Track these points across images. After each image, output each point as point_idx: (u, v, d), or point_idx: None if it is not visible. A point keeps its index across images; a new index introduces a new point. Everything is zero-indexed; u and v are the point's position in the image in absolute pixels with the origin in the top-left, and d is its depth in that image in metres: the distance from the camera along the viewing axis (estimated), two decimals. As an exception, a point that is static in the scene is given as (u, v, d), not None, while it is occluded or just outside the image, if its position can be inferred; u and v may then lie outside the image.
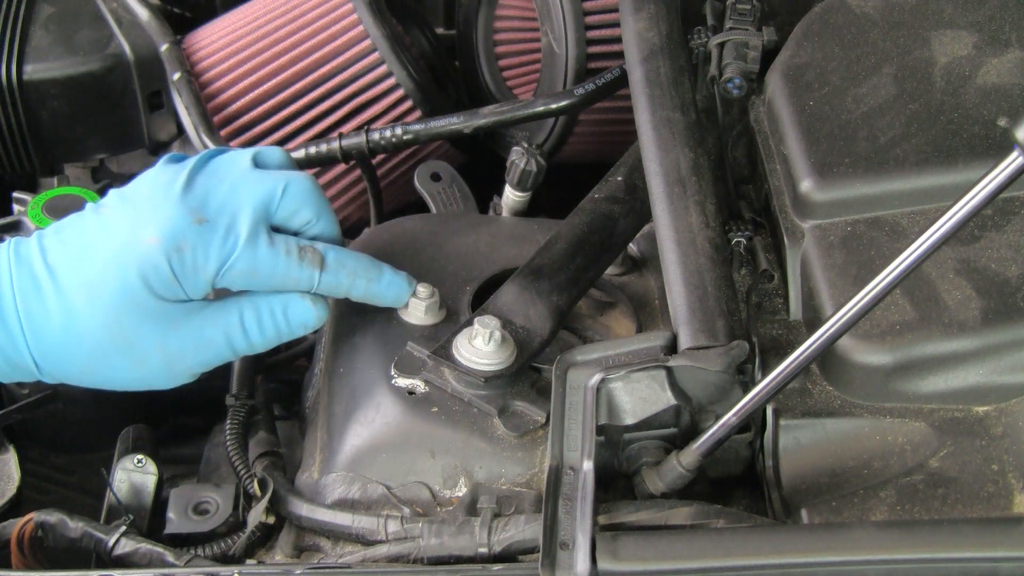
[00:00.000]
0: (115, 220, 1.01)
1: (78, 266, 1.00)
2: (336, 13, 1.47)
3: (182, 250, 0.99)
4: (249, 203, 1.02)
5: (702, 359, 0.97)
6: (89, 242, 1.00)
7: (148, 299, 0.99)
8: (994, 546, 0.86)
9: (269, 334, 1.05)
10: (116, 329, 0.99)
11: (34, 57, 1.47)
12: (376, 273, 1.08)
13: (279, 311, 1.05)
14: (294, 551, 1.03)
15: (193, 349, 1.03)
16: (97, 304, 0.99)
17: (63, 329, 0.99)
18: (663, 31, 1.22)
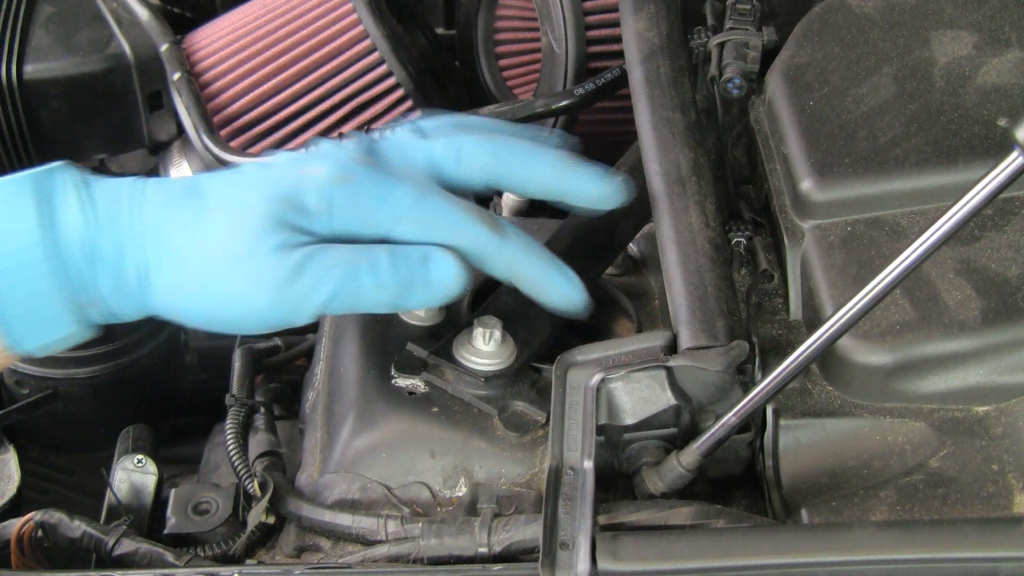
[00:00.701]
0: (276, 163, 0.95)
1: (220, 187, 0.93)
2: (336, 13, 1.47)
3: (348, 180, 0.92)
4: (421, 160, 0.96)
5: (702, 359, 0.97)
6: (240, 172, 0.95)
7: (287, 223, 0.90)
8: (994, 546, 0.86)
9: (401, 278, 0.92)
10: (244, 240, 0.90)
11: (34, 57, 1.47)
12: (557, 263, 0.98)
13: (418, 255, 0.92)
14: (294, 551, 1.03)
15: (310, 284, 0.91)
16: (233, 220, 0.91)
17: (190, 237, 0.90)
18: (663, 31, 1.22)
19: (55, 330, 0.92)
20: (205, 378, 1.33)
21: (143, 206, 0.92)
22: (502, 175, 0.99)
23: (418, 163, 0.97)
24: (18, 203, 0.90)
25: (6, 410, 1.20)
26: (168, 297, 0.92)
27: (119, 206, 0.92)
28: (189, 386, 1.33)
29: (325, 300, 0.91)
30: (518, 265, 0.96)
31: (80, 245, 0.90)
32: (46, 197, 0.90)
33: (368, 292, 0.92)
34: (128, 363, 1.22)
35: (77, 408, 1.24)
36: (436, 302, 0.94)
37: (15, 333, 0.91)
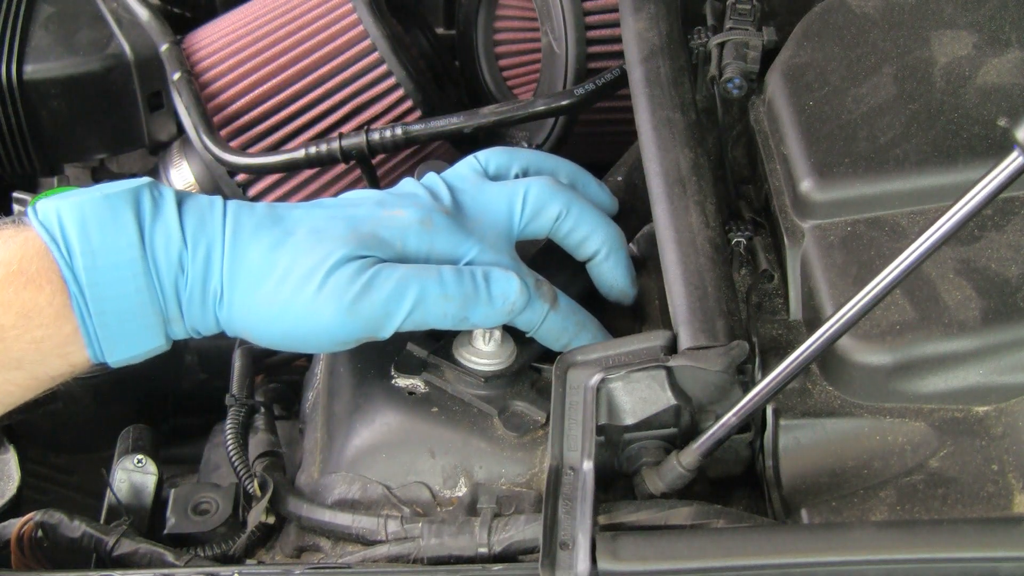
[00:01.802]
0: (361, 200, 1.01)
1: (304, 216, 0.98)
2: (336, 13, 1.47)
3: (427, 226, 0.98)
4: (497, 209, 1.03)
5: (702, 359, 0.97)
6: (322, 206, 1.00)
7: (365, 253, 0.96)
8: (994, 546, 0.86)
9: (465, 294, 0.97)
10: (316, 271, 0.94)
11: (34, 57, 1.47)
12: (602, 334, 1.06)
13: (480, 275, 0.98)
14: (294, 551, 1.03)
15: (379, 298, 0.95)
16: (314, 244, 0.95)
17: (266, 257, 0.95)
18: (663, 31, 1.22)
19: (142, 343, 0.95)
20: (205, 378, 1.33)
21: (229, 228, 0.96)
22: (564, 233, 1.07)
23: (497, 215, 1.03)
24: (117, 214, 0.93)
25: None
26: (241, 314, 0.96)
27: (207, 226, 0.95)
28: (189, 386, 1.33)
29: (396, 312, 0.96)
30: (564, 336, 1.04)
31: (169, 263, 0.94)
32: (145, 213, 0.93)
33: (436, 304, 0.97)
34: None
35: (77, 408, 1.24)
36: (499, 317, 1.00)
37: (104, 345, 0.93)
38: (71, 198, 0.93)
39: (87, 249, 0.91)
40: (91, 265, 0.91)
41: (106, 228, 0.92)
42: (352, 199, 1.03)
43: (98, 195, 0.93)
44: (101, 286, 0.92)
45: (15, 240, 0.92)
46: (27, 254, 0.92)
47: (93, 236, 0.92)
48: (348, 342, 0.98)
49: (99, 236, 0.92)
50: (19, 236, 0.92)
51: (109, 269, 0.92)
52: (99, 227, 0.92)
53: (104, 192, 0.93)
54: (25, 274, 0.91)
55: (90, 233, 0.92)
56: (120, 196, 0.93)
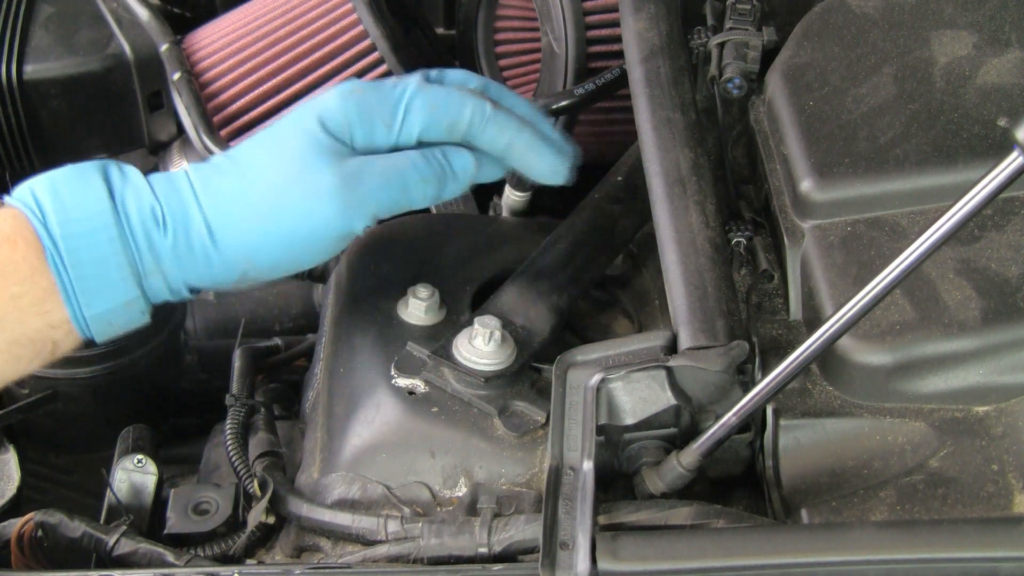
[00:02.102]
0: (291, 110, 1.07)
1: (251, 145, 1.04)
2: (336, 13, 1.47)
3: (352, 93, 1.03)
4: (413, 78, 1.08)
5: (702, 359, 0.97)
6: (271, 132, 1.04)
7: (325, 138, 1.01)
8: (994, 546, 0.86)
9: (438, 177, 1.04)
10: (293, 165, 1.00)
11: (34, 57, 1.47)
12: (547, 125, 1.10)
13: (439, 154, 1.05)
14: (294, 551, 1.03)
15: (368, 181, 1.01)
16: (279, 149, 1.01)
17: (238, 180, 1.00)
18: (663, 31, 1.22)
19: (117, 294, 0.98)
20: (205, 378, 1.33)
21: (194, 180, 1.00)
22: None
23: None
24: (87, 179, 0.98)
25: (6, 410, 1.20)
26: (239, 241, 1.00)
27: (175, 181, 1.00)
28: (189, 386, 1.32)
29: (383, 199, 1.03)
30: (509, 131, 1.06)
31: (142, 216, 0.98)
32: (114, 177, 0.99)
33: (416, 188, 1.04)
34: (128, 363, 1.22)
35: (77, 408, 1.24)
36: (464, 188, 1.07)
37: (80, 297, 0.96)
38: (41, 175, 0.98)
39: (59, 207, 0.96)
40: (64, 220, 0.96)
41: (76, 189, 0.97)
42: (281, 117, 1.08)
43: (67, 167, 0.98)
44: (74, 238, 0.96)
45: None
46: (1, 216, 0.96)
47: (65, 197, 0.96)
48: (341, 237, 1.03)
49: (70, 196, 0.97)
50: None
51: (81, 221, 0.96)
52: (70, 190, 0.97)
53: (72, 165, 0.99)
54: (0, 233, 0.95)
55: (62, 195, 0.96)
56: (88, 166, 0.99)
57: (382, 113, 1.03)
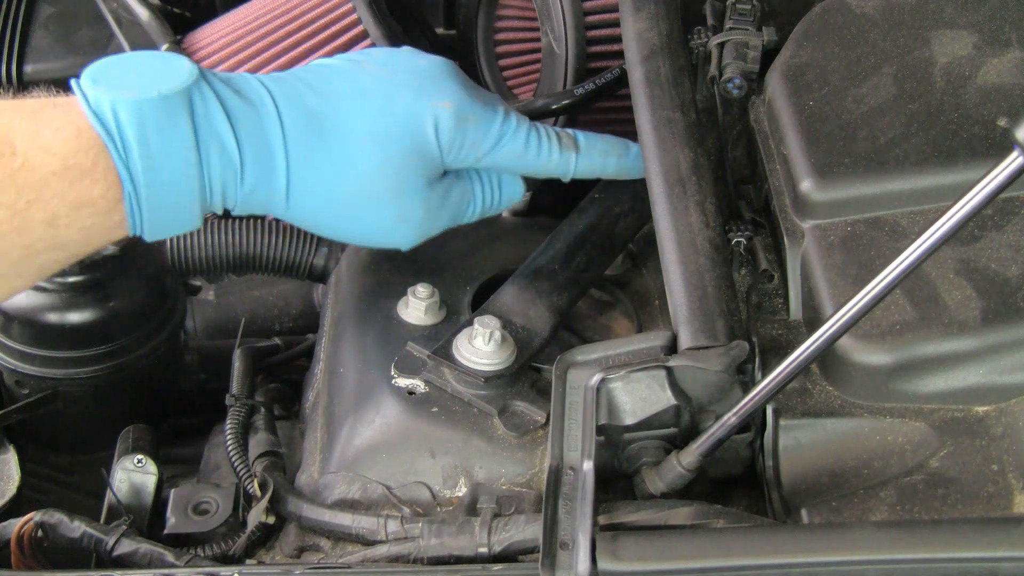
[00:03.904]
0: (392, 83, 1.06)
1: (362, 112, 1.03)
2: (336, 13, 1.47)
3: (467, 119, 1.06)
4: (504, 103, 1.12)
5: (702, 359, 0.97)
6: (373, 91, 1.05)
7: (427, 155, 1.05)
8: (994, 546, 0.86)
9: (490, 204, 1.13)
10: (392, 176, 1.04)
11: (34, 57, 1.47)
12: (623, 148, 1.16)
13: (497, 185, 1.13)
14: (294, 551, 1.03)
15: (441, 210, 1.08)
16: (381, 150, 1.03)
17: (338, 166, 1.02)
18: (663, 31, 1.22)
19: (182, 227, 1.00)
20: (205, 378, 1.33)
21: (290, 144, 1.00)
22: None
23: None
24: (174, 116, 0.95)
25: (6, 410, 1.20)
26: (308, 220, 1.05)
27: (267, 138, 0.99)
28: (189, 386, 1.32)
29: (446, 225, 1.11)
30: (595, 170, 1.15)
31: (223, 170, 0.98)
32: (198, 116, 0.96)
33: (470, 214, 1.12)
34: (128, 363, 1.22)
35: (77, 408, 1.24)
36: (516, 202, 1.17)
37: (147, 230, 0.97)
38: (125, 92, 0.94)
39: (145, 153, 0.93)
40: (149, 168, 0.94)
41: (163, 129, 0.94)
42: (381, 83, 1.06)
43: (155, 95, 0.94)
44: (156, 186, 0.95)
45: (67, 129, 0.93)
46: (81, 146, 0.92)
47: (151, 139, 0.93)
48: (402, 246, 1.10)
49: (157, 140, 0.94)
50: (70, 123, 0.93)
51: (165, 172, 0.95)
52: (157, 130, 0.94)
53: (160, 91, 0.94)
54: (80, 167, 0.92)
55: (148, 136, 0.93)
56: (176, 99, 0.95)
57: (480, 148, 1.08)
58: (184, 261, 1.38)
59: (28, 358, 1.20)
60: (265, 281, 1.43)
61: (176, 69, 0.96)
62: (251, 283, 1.43)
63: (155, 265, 1.24)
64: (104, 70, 0.96)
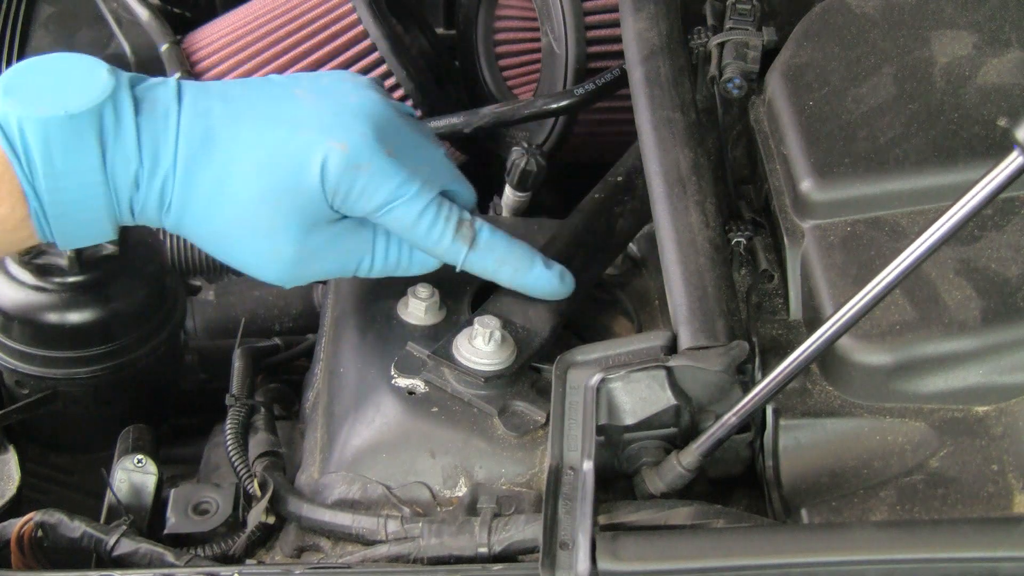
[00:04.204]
0: (311, 108, 1.01)
1: (256, 138, 0.99)
2: (336, 13, 1.47)
3: (359, 168, 0.99)
4: (433, 164, 1.05)
5: (702, 359, 0.97)
6: (277, 118, 1.01)
7: (307, 198, 0.99)
8: (994, 546, 0.86)
9: (390, 266, 1.06)
10: (265, 212, 1.00)
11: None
12: (526, 264, 1.06)
13: (406, 251, 1.06)
14: (294, 551, 1.03)
15: (322, 257, 1.03)
16: (260, 182, 0.99)
17: (216, 190, 0.99)
18: (663, 31, 1.22)
19: (92, 239, 1.01)
20: (205, 378, 1.33)
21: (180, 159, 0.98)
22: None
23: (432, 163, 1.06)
24: (83, 141, 0.94)
25: (6, 410, 1.20)
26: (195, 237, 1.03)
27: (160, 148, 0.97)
28: (189, 386, 1.32)
29: (329, 272, 1.06)
30: (487, 274, 1.07)
31: (126, 181, 0.97)
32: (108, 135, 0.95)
33: (364, 270, 1.06)
34: (128, 363, 1.22)
35: (77, 408, 1.24)
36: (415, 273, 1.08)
37: (58, 242, 0.98)
38: (34, 108, 0.93)
39: (50, 172, 0.94)
40: (54, 187, 0.94)
41: (69, 153, 0.94)
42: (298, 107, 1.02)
43: (62, 114, 0.93)
44: (62, 204, 0.95)
45: None
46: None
47: (56, 160, 0.93)
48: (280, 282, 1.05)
49: (62, 160, 0.94)
50: None
51: (71, 190, 0.95)
52: (63, 151, 0.93)
53: (68, 111, 0.93)
54: None
55: (53, 156, 0.93)
56: (84, 117, 0.94)
57: (369, 202, 1.01)
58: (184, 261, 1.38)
59: (28, 358, 1.20)
60: (265, 281, 1.43)
61: (93, 80, 0.95)
62: (251, 283, 1.43)
63: (155, 265, 1.24)
64: (18, 79, 0.95)
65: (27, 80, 0.95)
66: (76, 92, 0.94)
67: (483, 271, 1.06)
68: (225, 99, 1.01)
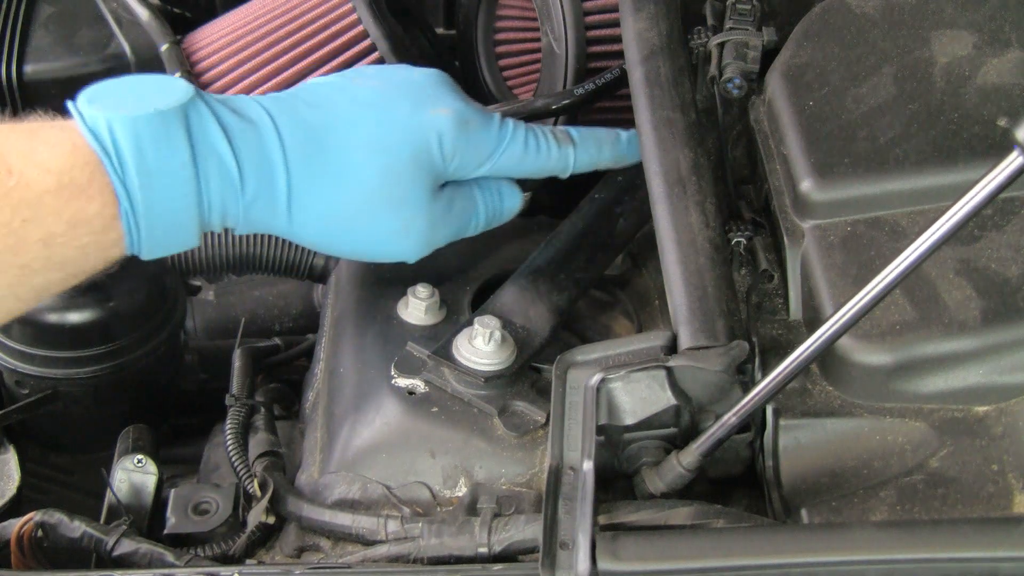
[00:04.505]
0: (389, 94, 1.06)
1: (360, 123, 1.03)
2: (336, 13, 1.47)
3: (468, 125, 1.06)
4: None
5: (702, 359, 0.97)
6: (363, 106, 1.04)
7: (429, 164, 1.04)
8: (994, 546, 0.86)
9: (492, 215, 1.13)
10: (394, 186, 1.03)
11: (34, 57, 1.47)
12: (615, 137, 1.17)
13: (496, 194, 1.13)
14: (294, 551, 1.03)
15: (445, 221, 1.08)
16: (382, 159, 1.02)
17: (338, 177, 1.01)
18: (663, 31, 1.22)
19: (180, 246, 0.99)
20: (205, 378, 1.33)
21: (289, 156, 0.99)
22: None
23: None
24: (170, 131, 0.94)
25: (6, 410, 1.20)
26: (311, 236, 1.04)
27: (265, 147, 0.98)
28: (189, 386, 1.33)
29: (449, 238, 1.10)
30: (593, 162, 1.16)
31: (222, 183, 0.96)
32: (194, 129, 0.95)
33: (472, 227, 1.12)
34: (128, 363, 1.22)
35: (77, 408, 1.24)
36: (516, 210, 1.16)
37: (144, 247, 0.97)
38: (121, 109, 0.93)
39: (142, 168, 0.93)
40: (146, 184, 0.93)
41: (160, 143, 0.93)
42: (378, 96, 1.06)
43: (151, 111, 0.93)
44: (152, 203, 0.94)
45: (62, 146, 0.92)
46: (77, 163, 0.92)
47: (148, 155, 0.93)
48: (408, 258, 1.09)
49: (154, 155, 0.93)
50: (66, 141, 0.93)
51: (162, 188, 0.94)
52: (153, 146, 0.93)
53: (156, 108, 0.94)
54: (76, 184, 0.92)
55: (144, 152, 0.93)
56: (172, 115, 0.94)
57: (482, 153, 1.08)
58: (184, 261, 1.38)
59: (28, 358, 1.20)
60: (265, 281, 1.43)
61: (173, 88, 0.96)
62: (251, 283, 1.43)
63: (155, 265, 1.24)
64: (101, 91, 0.96)
65: (110, 91, 0.96)
66: (159, 95, 0.95)
67: (590, 162, 1.15)
68: (306, 100, 1.03)
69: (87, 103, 0.94)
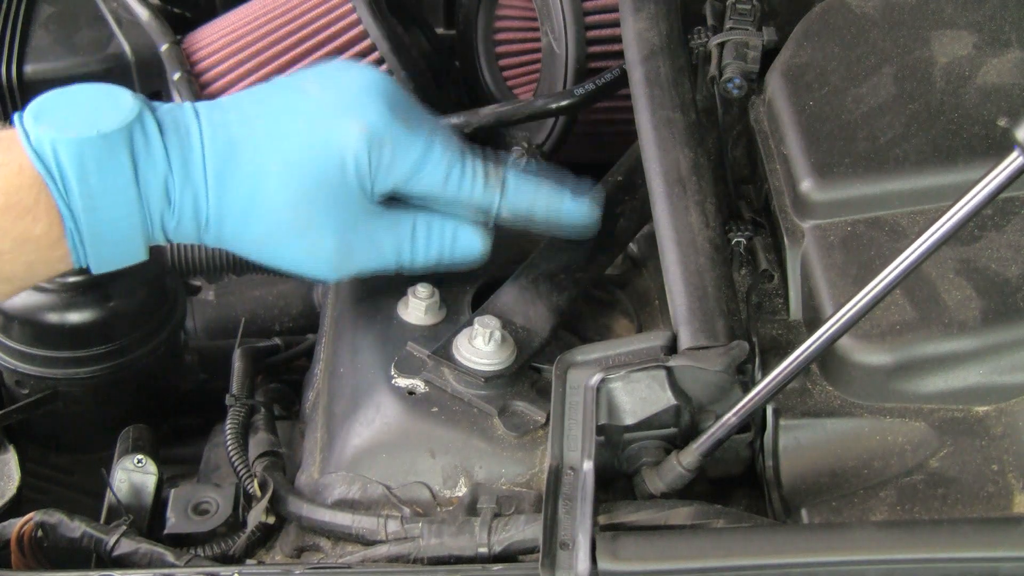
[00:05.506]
0: (322, 97, 1.02)
1: (277, 139, 1.00)
2: (336, 13, 1.47)
3: (383, 145, 1.00)
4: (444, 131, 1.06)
5: (702, 359, 0.97)
6: (292, 115, 1.02)
7: (339, 186, 1.00)
8: (994, 546, 0.86)
9: (433, 254, 1.06)
10: (302, 209, 1.00)
11: (34, 57, 1.47)
12: (557, 199, 1.08)
13: (449, 234, 1.06)
14: (294, 551, 1.03)
15: (364, 248, 1.04)
16: (291, 180, 1.00)
17: (250, 197, 1.00)
18: (663, 31, 1.22)
19: (126, 260, 1.00)
20: (205, 378, 1.33)
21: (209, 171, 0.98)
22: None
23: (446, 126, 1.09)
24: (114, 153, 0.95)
25: (6, 410, 1.20)
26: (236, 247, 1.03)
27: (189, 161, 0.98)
28: (189, 386, 1.33)
29: (372, 267, 1.05)
30: (521, 217, 1.07)
31: (159, 198, 0.97)
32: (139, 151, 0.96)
33: (407, 261, 1.06)
34: (128, 363, 1.22)
35: (77, 408, 1.24)
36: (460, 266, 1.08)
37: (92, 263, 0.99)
38: (66, 131, 0.94)
39: (86, 191, 0.94)
40: (89, 206, 0.95)
41: (104, 171, 0.95)
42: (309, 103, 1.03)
43: (95, 134, 0.94)
44: (97, 223, 0.96)
45: (9, 167, 0.94)
46: (23, 184, 0.94)
47: (91, 178, 0.94)
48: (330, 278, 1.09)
49: (97, 178, 0.95)
50: (12, 161, 0.94)
51: (106, 209, 0.96)
52: (97, 169, 0.94)
53: (99, 130, 0.95)
54: (23, 205, 0.94)
55: (88, 175, 0.94)
56: (116, 136, 0.95)
57: (397, 173, 1.02)
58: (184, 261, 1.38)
59: (28, 358, 1.20)
60: (265, 281, 1.43)
61: (119, 105, 0.97)
62: (251, 283, 1.43)
63: (155, 265, 1.24)
64: (47, 106, 0.97)
65: (55, 106, 0.97)
66: (105, 114, 0.96)
67: (518, 215, 1.07)
68: (239, 109, 1.02)
69: (33, 120, 0.95)
